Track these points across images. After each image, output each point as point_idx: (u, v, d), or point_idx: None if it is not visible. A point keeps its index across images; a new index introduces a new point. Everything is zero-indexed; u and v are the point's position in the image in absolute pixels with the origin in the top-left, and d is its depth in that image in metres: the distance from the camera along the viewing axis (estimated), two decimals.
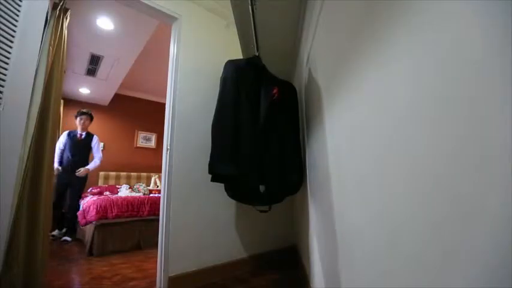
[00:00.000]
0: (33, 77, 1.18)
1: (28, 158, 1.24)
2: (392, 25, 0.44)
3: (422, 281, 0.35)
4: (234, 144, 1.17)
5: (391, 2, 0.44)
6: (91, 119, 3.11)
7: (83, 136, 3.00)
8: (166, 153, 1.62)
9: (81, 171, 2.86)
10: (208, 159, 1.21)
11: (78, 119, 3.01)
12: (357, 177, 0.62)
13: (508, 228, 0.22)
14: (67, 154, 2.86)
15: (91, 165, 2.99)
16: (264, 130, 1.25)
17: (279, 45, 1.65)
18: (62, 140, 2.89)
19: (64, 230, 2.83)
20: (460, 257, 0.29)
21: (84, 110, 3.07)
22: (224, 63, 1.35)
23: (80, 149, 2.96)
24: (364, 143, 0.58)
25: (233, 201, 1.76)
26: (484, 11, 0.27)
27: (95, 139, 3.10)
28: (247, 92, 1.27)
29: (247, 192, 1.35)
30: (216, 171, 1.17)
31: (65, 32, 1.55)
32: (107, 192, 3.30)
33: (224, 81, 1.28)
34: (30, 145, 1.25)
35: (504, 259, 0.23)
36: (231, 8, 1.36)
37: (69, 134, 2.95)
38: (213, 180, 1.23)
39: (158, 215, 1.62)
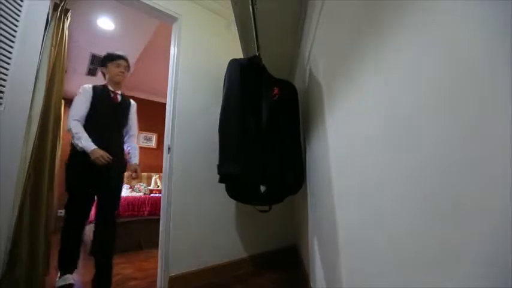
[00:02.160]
0: (34, 77, 1.18)
1: (30, 158, 1.25)
2: (392, 25, 0.44)
3: (422, 281, 0.35)
4: (240, 144, 1.17)
5: (392, 2, 0.44)
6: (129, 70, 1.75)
7: (118, 98, 1.67)
8: (167, 153, 1.63)
9: (137, 170, 1.75)
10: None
11: (112, 65, 1.64)
12: (358, 177, 0.62)
13: (508, 228, 0.22)
14: (99, 124, 1.53)
15: (136, 157, 1.79)
16: (266, 130, 1.25)
17: (280, 45, 1.65)
18: (86, 96, 1.52)
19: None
20: (460, 257, 0.29)
21: (121, 53, 1.71)
22: (227, 62, 1.34)
23: (117, 118, 1.65)
24: (364, 143, 0.58)
25: (233, 201, 1.76)
26: (484, 11, 0.27)
27: (134, 107, 1.81)
28: (251, 91, 1.26)
29: (248, 192, 1.35)
30: (224, 172, 1.17)
31: (66, 32, 1.55)
32: None
33: (229, 80, 1.27)
34: (32, 145, 1.25)
35: (504, 259, 0.23)
36: (231, 8, 1.36)
37: (95, 90, 1.57)
38: (220, 181, 1.23)
39: (159, 214, 1.62)
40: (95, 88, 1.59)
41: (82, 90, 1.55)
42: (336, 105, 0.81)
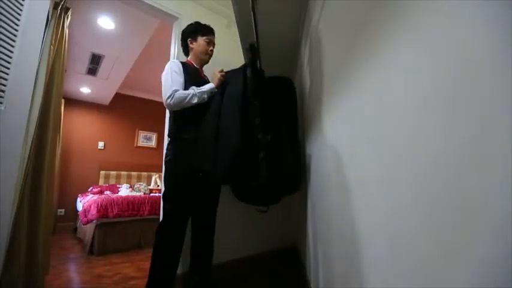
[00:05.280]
0: (34, 76, 1.18)
1: (29, 157, 1.25)
2: (392, 25, 0.44)
3: (422, 281, 0.35)
4: (234, 146, 1.18)
5: (392, 2, 0.44)
6: None
7: (205, 77, 1.48)
8: None
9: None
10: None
11: (203, 40, 1.41)
12: (357, 176, 0.62)
13: (508, 228, 0.22)
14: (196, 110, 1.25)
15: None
16: (263, 132, 1.27)
17: (280, 44, 1.65)
18: (180, 69, 1.31)
19: None
20: (460, 257, 0.29)
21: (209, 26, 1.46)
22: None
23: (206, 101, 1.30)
24: (364, 143, 0.58)
25: (233, 201, 1.76)
26: (484, 11, 0.27)
27: None
28: (246, 94, 1.28)
29: (245, 191, 1.36)
30: (219, 171, 1.18)
31: (66, 31, 1.55)
32: (108, 192, 3.30)
33: (229, 87, 1.29)
34: (31, 144, 1.25)
35: (504, 259, 0.23)
36: (231, 7, 1.36)
37: (185, 65, 1.34)
38: (214, 179, 1.25)
39: (158, 214, 1.62)
40: (183, 64, 1.36)
41: (172, 64, 1.33)
42: (336, 105, 0.81)
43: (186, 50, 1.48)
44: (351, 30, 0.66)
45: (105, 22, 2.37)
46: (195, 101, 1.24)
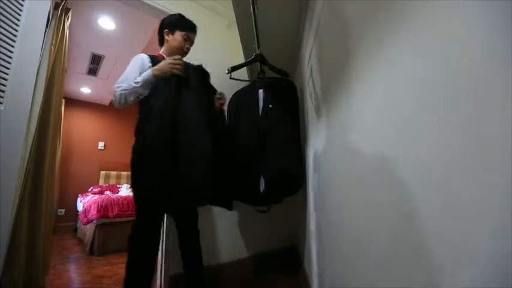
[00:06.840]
0: (35, 77, 1.18)
1: (29, 157, 1.25)
2: (394, 25, 0.44)
3: (423, 281, 0.35)
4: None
5: (393, 2, 0.44)
6: None
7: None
8: None
9: None
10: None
11: (181, 35, 1.27)
12: (359, 177, 0.62)
13: (508, 228, 0.22)
14: (160, 106, 1.12)
15: None
16: (261, 136, 1.29)
17: (281, 44, 1.65)
18: (141, 63, 1.20)
19: None
20: (460, 257, 0.29)
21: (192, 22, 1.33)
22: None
23: None
24: (366, 143, 0.58)
25: (233, 201, 1.76)
26: (485, 11, 0.27)
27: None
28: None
29: (247, 192, 1.36)
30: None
31: (67, 31, 1.55)
32: (108, 192, 3.31)
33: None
34: (32, 144, 1.25)
35: (504, 259, 0.23)
36: (232, 8, 1.37)
37: (153, 60, 1.23)
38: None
39: None
40: (152, 58, 1.22)
41: (136, 58, 1.21)
42: (336, 105, 0.81)
43: (161, 41, 1.32)
44: (352, 30, 0.66)
45: (106, 22, 2.38)
46: (131, 98, 1.12)
